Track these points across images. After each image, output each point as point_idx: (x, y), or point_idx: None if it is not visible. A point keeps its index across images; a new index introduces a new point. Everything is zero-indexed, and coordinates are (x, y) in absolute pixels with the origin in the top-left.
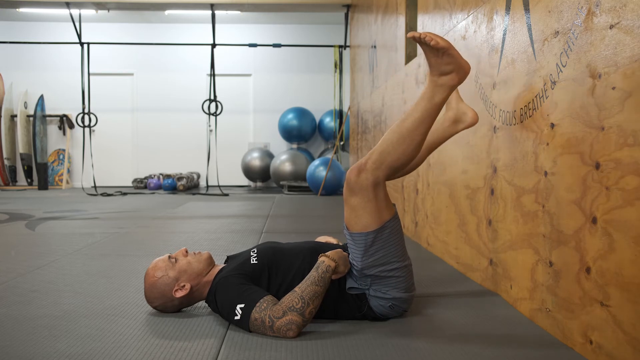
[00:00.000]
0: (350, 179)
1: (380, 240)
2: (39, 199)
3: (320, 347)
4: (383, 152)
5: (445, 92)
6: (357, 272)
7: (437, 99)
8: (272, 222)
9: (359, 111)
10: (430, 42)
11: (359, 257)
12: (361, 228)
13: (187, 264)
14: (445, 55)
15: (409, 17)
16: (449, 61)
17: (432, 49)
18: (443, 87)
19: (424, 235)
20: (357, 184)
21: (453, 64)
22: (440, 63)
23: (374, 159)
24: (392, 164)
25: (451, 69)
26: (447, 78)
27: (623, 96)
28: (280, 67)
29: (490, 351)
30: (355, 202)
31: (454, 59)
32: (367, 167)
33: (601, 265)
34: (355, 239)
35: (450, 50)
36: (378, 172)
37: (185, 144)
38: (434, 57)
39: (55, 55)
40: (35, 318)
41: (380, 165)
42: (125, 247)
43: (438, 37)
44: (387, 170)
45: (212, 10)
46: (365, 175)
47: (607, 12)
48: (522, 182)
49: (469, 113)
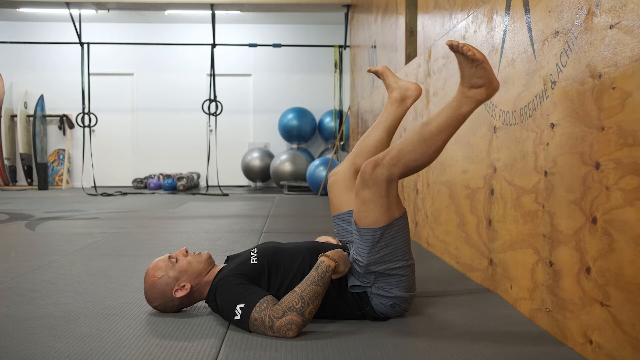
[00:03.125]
0: (365, 171)
1: (388, 237)
2: (39, 199)
3: (320, 347)
4: (402, 150)
5: (472, 104)
6: (362, 268)
7: (464, 109)
8: (272, 222)
9: (359, 111)
10: (467, 52)
11: (365, 252)
12: (370, 223)
13: (188, 264)
14: (479, 68)
15: (409, 17)
16: (481, 75)
17: (467, 59)
18: (471, 99)
19: (424, 235)
20: (371, 178)
21: (485, 78)
22: (472, 75)
23: (392, 155)
24: (408, 164)
25: (482, 83)
26: (477, 91)
27: (623, 96)
28: (280, 67)
29: (490, 351)
30: (367, 196)
31: (486, 74)
32: (383, 162)
33: (601, 265)
34: (362, 234)
35: (484, 64)
36: (394, 168)
37: (185, 144)
38: (468, 68)
39: (55, 55)
40: (35, 318)
41: (397, 162)
42: (125, 247)
43: (475, 49)
44: (403, 169)
45: (212, 10)
46: (380, 170)
47: (607, 12)
48: (522, 182)
49: (411, 87)
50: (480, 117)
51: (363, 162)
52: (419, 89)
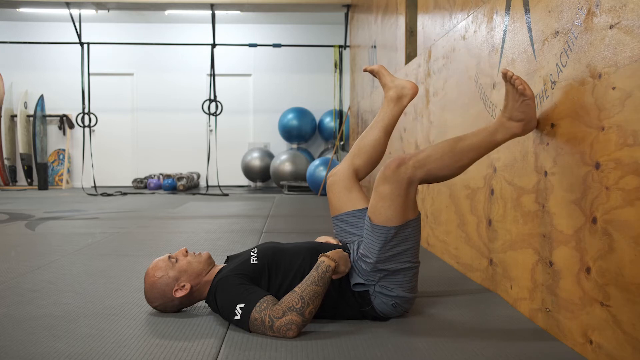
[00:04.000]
0: (389, 167)
1: (401, 237)
2: (39, 199)
3: (320, 347)
4: (430, 156)
5: (507, 135)
6: (369, 265)
7: (498, 137)
8: (272, 222)
9: (359, 111)
10: (518, 87)
11: (376, 250)
12: (384, 221)
13: (187, 264)
14: (524, 103)
15: (409, 17)
16: (525, 110)
17: (516, 92)
18: (507, 130)
19: (424, 235)
20: (394, 174)
21: (526, 114)
22: (516, 108)
23: (419, 158)
24: (432, 171)
25: (522, 118)
26: (515, 125)
27: (623, 96)
28: (280, 67)
29: (490, 351)
30: (386, 191)
31: (529, 110)
32: (409, 162)
33: (601, 265)
34: (375, 231)
35: (531, 101)
36: (417, 171)
37: (185, 144)
38: (514, 100)
39: (55, 55)
40: (35, 318)
41: (422, 166)
42: (125, 247)
43: (526, 84)
44: (425, 174)
45: (212, 10)
46: (404, 169)
47: (607, 12)
48: (522, 182)
49: (407, 85)
50: (480, 117)
51: (362, 162)
52: (415, 88)
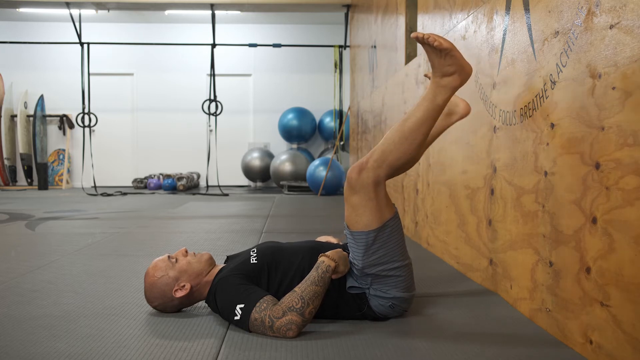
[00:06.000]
0: (351, 177)
1: (382, 238)
2: (39, 199)
3: (320, 347)
4: (384, 151)
5: (447, 93)
6: (358, 271)
7: (439, 99)
8: (272, 222)
9: (359, 111)
10: (434, 43)
11: (359, 255)
12: (362, 227)
13: (187, 264)
14: (447, 56)
15: (409, 17)
16: (452, 62)
17: (435, 49)
18: (445, 88)
19: (424, 235)
20: (358, 182)
21: (455, 65)
22: (442, 64)
23: (375, 158)
24: (393, 163)
25: (453, 70)
26: (450, 79)
27: (623, 96)
28: (280, 67)
29: (490, 351)
30: (356, 201)
31: (456, 60)
32: (368, 165)
33: (601, 265)
34: (356, 238)
35: (452, 51)
36: (379, 170)
37: (185, 144)
38: (437, 58)
39: (55, 55)
40: (35, 318)
41: (381, 164)
42: (125, 247)
43: (441, 38)
44: (388, 169)
45: (212, 10)
46: (366, 174)
47: (607, 12)
48: (522, 182)
49: (461, 104)
50: (480, 117)
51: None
52: (467, 108)
